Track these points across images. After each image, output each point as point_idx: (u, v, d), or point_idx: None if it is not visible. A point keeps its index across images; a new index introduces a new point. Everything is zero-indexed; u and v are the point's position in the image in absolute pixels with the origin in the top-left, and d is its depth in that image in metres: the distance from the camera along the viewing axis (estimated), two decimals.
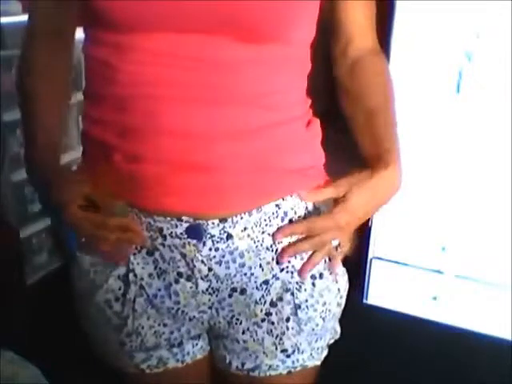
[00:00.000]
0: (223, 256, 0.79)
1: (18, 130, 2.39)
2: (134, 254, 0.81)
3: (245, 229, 0.78)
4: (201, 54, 0.72)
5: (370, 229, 2.35)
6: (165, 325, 0.85)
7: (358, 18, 0.88)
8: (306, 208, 0.84)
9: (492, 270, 2.19)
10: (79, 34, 0.93)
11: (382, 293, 2.40)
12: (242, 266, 0.81)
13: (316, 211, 0.85)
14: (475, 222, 2.18)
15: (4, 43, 2.24)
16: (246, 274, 0.81)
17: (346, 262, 1.10)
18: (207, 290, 0.81)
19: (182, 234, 0.77)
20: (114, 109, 0.77)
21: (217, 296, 0.82)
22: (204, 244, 0.78)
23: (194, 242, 0.77)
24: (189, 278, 0.80)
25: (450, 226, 2.23)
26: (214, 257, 0.79)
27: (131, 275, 0.82)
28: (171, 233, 0.77)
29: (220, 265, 0.79)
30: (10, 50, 2.28)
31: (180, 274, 0.80)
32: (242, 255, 0.80)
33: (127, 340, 0.86)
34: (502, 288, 2.19)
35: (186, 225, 0.76)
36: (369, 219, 2.35)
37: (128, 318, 0.84)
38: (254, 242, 0.80)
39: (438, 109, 2.14)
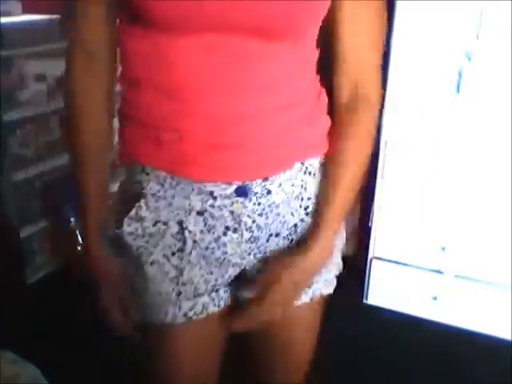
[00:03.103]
0: (263, 209, 0.95)
1: (18, 130, 2.40)
2: (185, 216, 0.94)
3: (280, 185, 0.95)
4: (230, 50, 0.84)
5: (369, 229, 2.36)
6: (211, 273, 0.99)
7: (359, 40, 0.94)
8: (319, 162, 1.00)
9: (492, 269, 2.20)
10: None
11: (382, 293, 2.40)
12: (278, 215, 0.97)
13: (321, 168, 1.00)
14: (475, 222, 2.19)
15: (4, 43, 2.24)
16: (280, 222, 0.97)
17: (345, 262, 1.11)
18: (249, 239, 0.97)
19: (231, 194, 0.92)
20: (157, 94, 0.88)
21: (256, 244, 0.98)
22: (250, 200, 0.93)
23: (242, 199, 0.92)
24: (235, 231, 0.95)
25: (450, 225, 2.23)
26: (257, 210, 0.94)
27: (186, 232, 0.95)
28: (221, 194, 0.92)
29: (261, 216, 0.95)
30: (10, 50, 2.28)
31: (227, 228, 0.95)
32: (277, 206, 0.96)
33: (183, 289, 0.98)
34: (502, 288, 2.19)
35: (234, 186, 0.92)
36: (368, 219, 2.36)
37: (184, 269, 0.96)
38: (286, 194, 0.96)
39: (438, 109, 2.14)
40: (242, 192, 0.91)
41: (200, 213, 0.93)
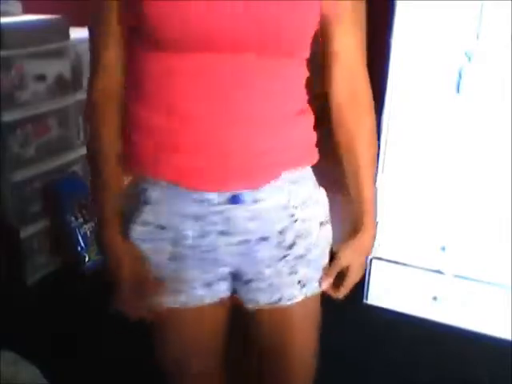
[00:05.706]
0: (254, 215, 1.03)
1: (18, 130, 2.40)
2: (184, 222, 1.01)
3: (268, 193, 1.02)
4: (226, 71, 0.92)
5: None
6: (206, 272, 1.07)
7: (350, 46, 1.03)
8: (309, 174, 1.10)
9: (492, 270, 2.20)
10: (80, 33, 0.93)
11: (382, 293, 2.40)
12: (267, 220, 1.04)
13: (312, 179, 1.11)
14: (475, 222, 2.19)
15: (4, 43, 2.24)
16: (269, 227, 1.05)
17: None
18: (241, 242, 1.04)
19: (225, 201, 1.00)
20: (159, 111, 0.96)
21: (247, 245, 1.05)
22: (241, 207, 1.01)
23: (235, 206, 1.00)
24: (228, 234, 1.03)
25: (450, 225, 2.23)
26: (248, 216, 1.02)
27: (184, 237, 1.02)
28: (218, 201, 1.00)
29: (252, 221, 1.03)
30: (10, 50, 2.28)
31: (221, 232, 1.03)
32: (267, 212, 1.03)
33: (179, 286, 1.07)
34: (502, 288, 2.19)
35: (229, 194, 1.00)
36: None
37: (181, 270, 1.06)
38: (274, 202, 1.04)
39: (438, 109, 2.14)
40: (235, 200, 1.00)
41: (196, 218, 1.01)
